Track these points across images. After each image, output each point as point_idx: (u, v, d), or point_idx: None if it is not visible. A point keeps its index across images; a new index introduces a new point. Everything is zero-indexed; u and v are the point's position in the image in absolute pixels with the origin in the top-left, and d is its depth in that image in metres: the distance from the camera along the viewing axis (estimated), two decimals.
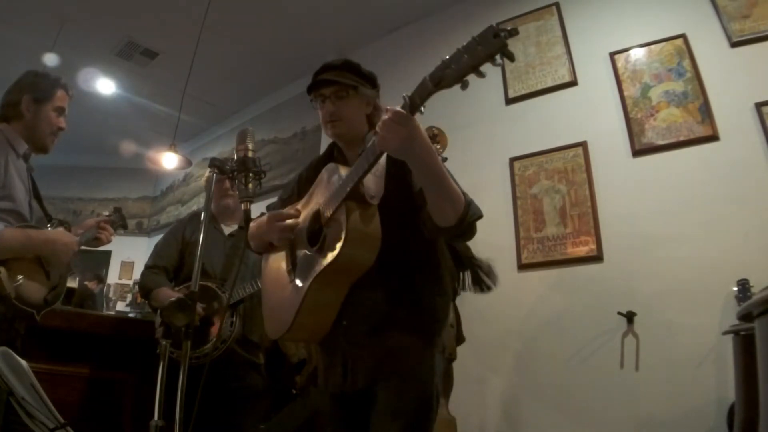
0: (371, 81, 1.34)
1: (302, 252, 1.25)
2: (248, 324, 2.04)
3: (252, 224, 1.34)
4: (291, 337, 1.24)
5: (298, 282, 1.21)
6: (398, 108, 0.99)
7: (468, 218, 1.10)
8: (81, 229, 1.76)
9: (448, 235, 1.15)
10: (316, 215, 1.22)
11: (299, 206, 1.33)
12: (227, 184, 2.12)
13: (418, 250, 1.22)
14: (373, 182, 1.16)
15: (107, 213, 1.98)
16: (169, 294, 1.97)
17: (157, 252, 2.20)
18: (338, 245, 1.09)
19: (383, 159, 1.16)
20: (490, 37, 0.81)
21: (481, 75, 0.84)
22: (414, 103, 0.96)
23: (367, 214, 1.13)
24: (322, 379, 1.28)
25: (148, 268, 2.15)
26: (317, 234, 1.20)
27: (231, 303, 1.96)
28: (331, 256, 1.10)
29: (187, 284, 2.04)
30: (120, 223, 1.97)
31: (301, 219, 1.30)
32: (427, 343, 1.18)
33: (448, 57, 0.88)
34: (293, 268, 1.26)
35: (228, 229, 2.24)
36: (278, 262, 1.33)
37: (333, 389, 1.23)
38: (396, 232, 1.17)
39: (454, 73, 0.86)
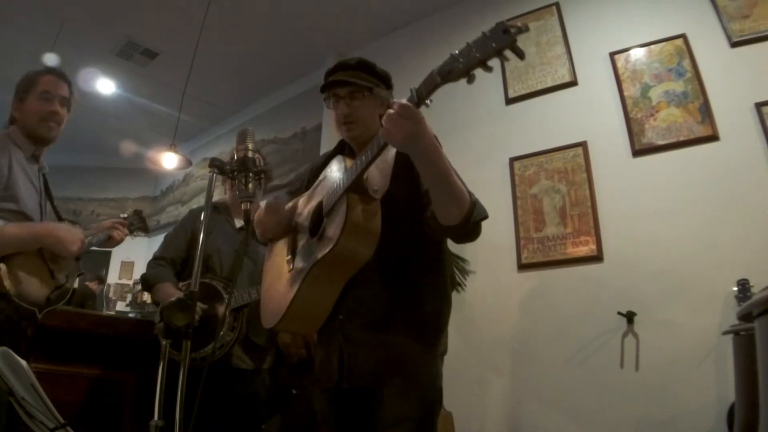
0: (386, 81, 1.32)
1: (302, 242, 1.23)
2: (253, 327, 1.93)
3: (257, 213, 1.34)
4: (284, 326, 1.22)
5: (296, 271, 1.19)
6: (404, 101, 0.97)
7: (473, 218, 1.08)
8: (95, 230, 1.72)
9: (452, 235, 1.13)
10: (320, 206, 1.21)
11: (304, 197, 1.33)
12: None
13: (422, 251, 1.20)
14: (378, 177, 1.14)
15: (125, 215, 1.91)
16: (170, 291, 1.90)
17: (166, 243, 2.13)
18: (337, 235, 1.08)
19: (390, 156, 1.15)
20: (500, 32, 0.81)
21: (489, 69, 0.84)
22: (420, 96, 0.95)
23: (369, 207, 1.11)
24: (316, 374, 1.26)
25: (155, 259, 2.07)
26: (318, 224, 1.19)
27: (235, 307, 1.88)
28: (329, 245, 1.09)
29: (189, 281, 2.01)
30: (139, 225, 1.90)
31: (305, 209, 1.28)
32: (429, 347, 1.17)
33: (457, 52, 0.88)
34: (292, 257, 1.25)
35: (240, 222, 2.15)
36: (280, 251, 1.33)
37: (327, 384, 1.20)
38: (400, 231, 1.15)
39: (463, 67, 0.86)
